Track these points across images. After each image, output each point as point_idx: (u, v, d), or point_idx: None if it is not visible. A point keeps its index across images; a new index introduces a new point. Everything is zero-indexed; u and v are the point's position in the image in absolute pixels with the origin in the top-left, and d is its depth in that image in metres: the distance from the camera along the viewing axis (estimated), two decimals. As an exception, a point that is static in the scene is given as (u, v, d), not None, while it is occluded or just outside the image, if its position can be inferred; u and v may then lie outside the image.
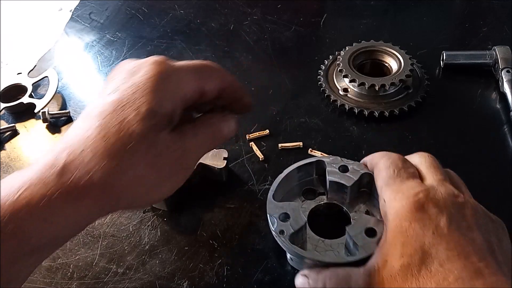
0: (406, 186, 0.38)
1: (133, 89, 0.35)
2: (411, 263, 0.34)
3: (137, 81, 0.36)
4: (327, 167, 0.47)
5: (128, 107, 0.34)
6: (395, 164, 0.41)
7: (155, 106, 0.35)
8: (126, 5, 0.86)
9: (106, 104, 0.35)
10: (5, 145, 0.64)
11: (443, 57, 0.67)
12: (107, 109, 0.35)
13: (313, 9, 0.82)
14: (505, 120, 0.60)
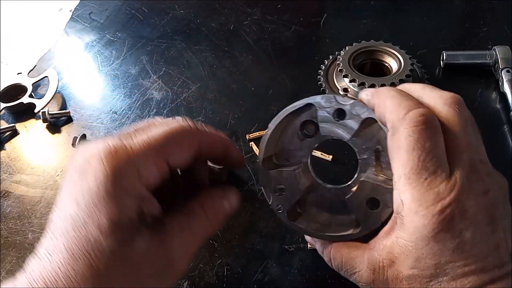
0: (432, 195, 0.32)
1: (87, 200, 0.31)
2: (422, 275, 0.32)
3: (90, 187, 0.31)
4: (319, 112, 0.39)
5: (89, 223, 0.31)
6: (421, 145, 0.32)
7: (115, 216, 0.31)
8: (126, 5, 0.86)
9: (67, 219, 0.32)
10: (5, 145, 0.64)
11: (443, 57, 0.67)
12: (69, 228, 0.31)
13: (313, 9, 0.82)
14: (505, 120, 0.60)
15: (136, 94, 0.69)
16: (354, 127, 0.38)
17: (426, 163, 0.32)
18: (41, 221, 0.54)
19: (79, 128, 0.65)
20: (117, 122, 0.65)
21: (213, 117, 0.64)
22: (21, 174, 0.60)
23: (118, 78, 0.72)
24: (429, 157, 0.32)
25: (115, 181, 0.31)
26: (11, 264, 0.50)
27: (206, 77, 0.70)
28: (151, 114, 0.65)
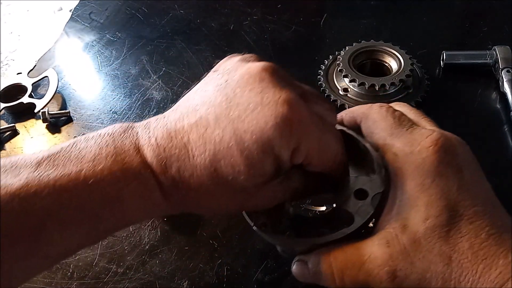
0: (419, 135, 0.34)
1: (251, 138, 0.30)
2: (438, 224, 0.31)
3: (260, 128, 0.30)
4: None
5: (242, 155, 0.30)
6: (391, 112, 0.37)
7: (266, 168, 0.31)
8: (126, 5, 0.86)
9: (223, 111, 0.31)
10: (5, 145, 0.64)
11: (443, 57, 0.67)
12: (219, 142, 0.31)
13: (313, 9, 0.82)
14: (505, 120, 0.60)
15: (136, 94, 0.69)
16: None
17: (403, 122, 0.36)
18: (41, 221, 0.54)
19: (79, 128, 0.65)
20: (117, 122, 0.65)
21: (213, 117, 0.64)
22: (21, 174, 0.60)
23: (118, 78, 0.72)
24: (402, 118, 0.36)
25: (276, 139, 0.30)
26: (11, 264, 0.50)
27: (206, 77, 0.70)
28: (151, 114, 0.65)
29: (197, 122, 0.31)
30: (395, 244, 0.31)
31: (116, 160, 0.31)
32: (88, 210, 0.30)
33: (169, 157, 0.31)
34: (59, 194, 0.29)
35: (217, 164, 0.31)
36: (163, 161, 0.31)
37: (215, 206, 0.34)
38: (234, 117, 0.30)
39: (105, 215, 0.31)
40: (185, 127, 0.32)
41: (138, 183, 0.31)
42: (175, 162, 0.31)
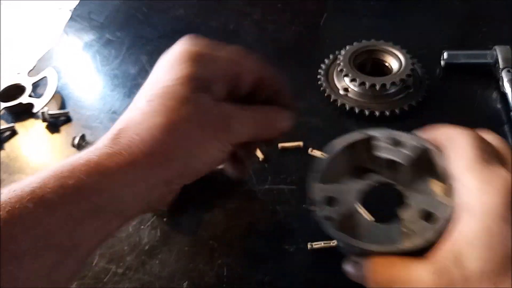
0: (496, 176, 0.33)
1: (172, 59, 0.39)
2: (494, 269, 0.30)
3: (175, 52, 0.40)
4: (378, 142, 0.41)
5: (168, 74, 0.38)
6: (478, 142, 0.35)
7: (191, 71, 0.38)
8: (125, 4, 0.86)
9: (147, 81, 0.40)
10: (5, 145, 0.64)
11: (443, 57, 0.67)
12: (147, 85, 0.39)
13: (313, 9, 0.82)
14: (505, 120, 0.59)
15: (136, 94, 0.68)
16: (410, 154, 0.40)
17: (487, 157, 0.34)
18: (40, 221, 0.53)
19: (78, 128, 0.65)
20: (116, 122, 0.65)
21: (213, 117, 0.64)
22: (20, 174, 0.60)
23: (118, 78, 0.72)
24: (488, 152, 0.35)
25: (193, 53, 0.40)
26: (10, 264, 0.49)
27: (206, 77, 0.70)
28: (150, 114, 0.65)
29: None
30: (445, 275, 0.31)
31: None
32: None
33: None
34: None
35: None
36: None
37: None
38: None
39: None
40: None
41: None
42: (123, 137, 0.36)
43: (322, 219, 0.38)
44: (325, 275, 0.46)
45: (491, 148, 0.36)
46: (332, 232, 0.38)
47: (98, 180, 0.33)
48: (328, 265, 0.46)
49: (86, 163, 0.33)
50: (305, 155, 0.57)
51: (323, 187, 0.41)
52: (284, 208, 0.52)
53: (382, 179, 0.43)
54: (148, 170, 0.35)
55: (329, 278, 0.46)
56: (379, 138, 0.42)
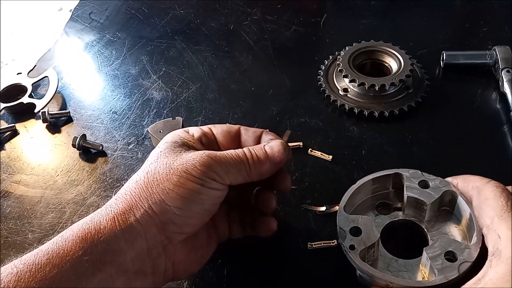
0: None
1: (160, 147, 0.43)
2: None
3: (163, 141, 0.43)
4: (406, 182, 0.44)
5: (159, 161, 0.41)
6: (505, 194, 0.39)
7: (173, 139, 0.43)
8: (126, 5, 0.86)
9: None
10: (5, 145, 0.64)
11: (443, 57, 0.67)
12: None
13: (313, 9, 0.82)
14: (505, 120, 0.60)
15: (136, 94, 0.69)
16: (436, 196, 0.43)
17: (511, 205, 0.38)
18: (41, 221, 0.54)
19: (79, 128, 0.65)
20: (117, 122, 0.65)
21: (213, 117, 0.64)
22: (21, 174, 0.60)
23: (118, 78, 0.72)
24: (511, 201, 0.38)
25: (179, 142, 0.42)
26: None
27: (206, 77, 0.70)
28: (151, 114, 0.65)
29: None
30: None
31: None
32: None
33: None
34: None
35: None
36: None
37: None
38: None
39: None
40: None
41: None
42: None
43: (347, 248, 0.41)
44: (325, 275, 0.46)
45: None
46: (357, 262, 0.40)
47: (97, 242, 0.36)
48: (328, 265, 0.47)
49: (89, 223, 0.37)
50: (305, 155, 0.57)
51: (349, 216, 0.43)
52: (284, 208, 0.52)
53: (405, 216, 0.46)
54: (143, 221, 0.38)
55: (329, 278, 0.46)
56: (407, 177, 0.45)
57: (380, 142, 0.58)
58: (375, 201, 0.48)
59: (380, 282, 0.40)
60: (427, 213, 0.44)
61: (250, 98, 0.66)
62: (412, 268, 0.42)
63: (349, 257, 0.41)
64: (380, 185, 0.47)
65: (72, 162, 0.60)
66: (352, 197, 0.45)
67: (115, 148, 0.61)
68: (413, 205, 0.45)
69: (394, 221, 0.46)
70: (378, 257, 0.43)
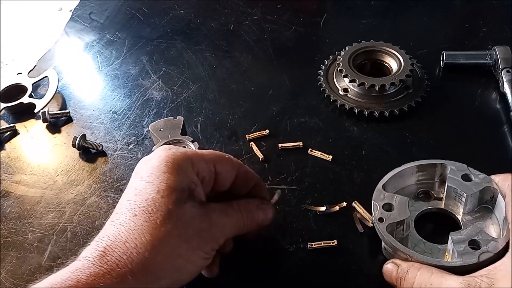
0: None
1: (151, 172, 0.39)
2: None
3: (153, 164, 0.40)
4: (449, 173, 0.46)
5: (149, 188, 0.38)
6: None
7: (172, 183, 0.38)
8: (126, 5, 0.86)
9: (131, 189, 0.40)
10: (5, 145, 0.64)
11: (443, 57, 0.67)
12: (131, 195, 0.39)
13: (313, 9, 0.82)
14: (505, 120, 0.60)
15: (136, 94, 0.69)
16: (474, 190, 0.44)
17: None
18: (41, 221, 0.54)
19: (79, 128, 0.65)
20: (117, 122, 0.65)
21: (213, 117, 0.64)
22: (21, 174, 0.60)
23: (118, 78, 0.72)
24: None
25: (174, 162, 0.39)
26: (11, 264, 0.50)
27: (206, 77, 0.70)
28: (151, 114, 0.65)
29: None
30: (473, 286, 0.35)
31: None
32: None
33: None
34: None
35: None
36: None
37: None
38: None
39: None
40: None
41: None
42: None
43: (376, 220, 0.43)
44: (325, 275, 0.46)
45: None
46: (383, 233, 0.42)
47: None
48: (328, 265, 0.47)
49: (75, 285, 0.34)
50: (305, 155, 0.57)
51: (385, 194, 0.45)
52: (284, 208, 0.52)
53: (444, 207, 0.47)
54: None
55: (329, 278, 0.46)
56: (452, 170, 0.46)
57: (380, 142, 0.58)
58: (418, 189, 0.49)
59: (401, 255, 0.42)
60: (465, 206, 0.45)
61: (250, 98, 0.66)
62: (437, 252, 0.44)
63: (377, 228, 0.43)
64: (426, 175, 0.49)
65: (72, 162, 0.60)
66: (394, 179, 0.47)
67: (115, 148, 0.61)
68: (453, 196, 0.46)
69: (431, 208, 0.48)
70: (408, 236, 0.45)
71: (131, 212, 0.37)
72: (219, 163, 0.43)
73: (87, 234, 0.51)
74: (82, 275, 0.34)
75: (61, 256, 0.50)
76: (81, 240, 0.51)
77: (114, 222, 0.38)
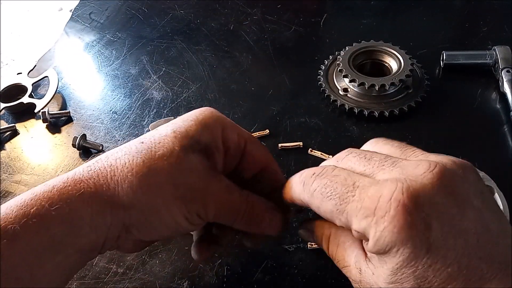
0: (371, 201, 0.28)
1: (180, 117, 0.38)
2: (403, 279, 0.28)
3: (186, 114, 0.39)
4: None
5: (169, 126, 0.37)
6: (340, 174, 0.32)
7: (191, 131, 0.36)
8: (126, 5, 0.86)
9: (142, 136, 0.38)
10: (5, 145, 0.64)
11: (443, 57, 0.67)
12: (153, 129, 0.38)
13: (313, 9, 0.82)
14: (505, 120, 0.60)
15: (136, 94, 0.69)
16: None
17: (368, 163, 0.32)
18: (41, 221, 0.54)
19: (79, 128, 0.65)
20: (117, 122, 0.65)
21: (213, 117, 0.64)
22: (21, 174, 0.60)
23: (118, 78, 0.72)
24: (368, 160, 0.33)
25: (204, 117, 0.38)
26: (11, 264, 0.50)
27: (206, 77, 0.70)
28: (151, 114, 0.65)
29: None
30: (366, 276, 0.31)
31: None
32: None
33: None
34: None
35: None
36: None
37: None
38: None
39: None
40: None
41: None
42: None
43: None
44: (325, 274, 0.46)
45: (373, 154, 0.33)
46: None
47: (60, 207, 0.32)
48: (328, 265, 0.47)
49: (50, 189, 0.33)
50: (305, 155, 0.57)
51: None
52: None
53: None
54: (108, 208, 0.33)
55: (329, 278, 0.46)
56: None
57: (380, 142, 0.58)
58: None
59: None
60: None
61: (250, 98, 0.66)
62: None
63: None
64: None
65: (72, 162, 0.60)
66: None
67: (115, 148, 0.61)
68: None
69: None
70: None
71: (141, 139, 0.36)
72: (252, 143, 0.40)
73: (87, 234, 0.51)
74: (61, 181, 0.34)
75: (61, 256, 0.50)
76: (81, 240, 0.51)
77: (127, 143, 0.37)
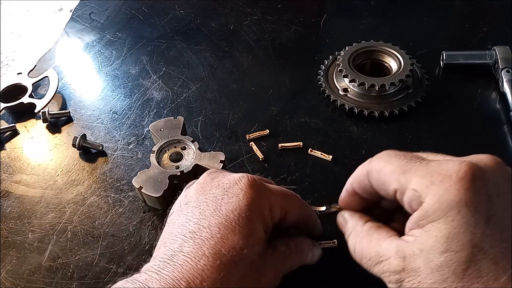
0: (437, 165, 0.31)
1: (236, 215, 0.36)
2: (456, 260, 0.28)
3: (238, 205, 0.37)
4: None
5: (236, 232, 0.35)
6: (395, 154, 0.35)
7: (259, 233, 0.37)
8: (126, 5, 0.86)
9: (212, 226, 0.36)
10: (5, 145, 0.64)
11: (443, 57, 0.67)
12: (215, 234, 0.36)
13: (313, 9, 0.82)
14: (505, 120, 0.60)
15: (136, 94, 0.69)
16: None
17: (411, 158, 0.34)
18: (41, 221, 0.54)
19: (79, 128, 0.65)
20: (117, 122, 0.65)
21: (213, 117, 0.64)
22: (21, 174, 0.60)
23: (118, 78, 0.72)
24: (410, 156, 0.34)
25: (257, 205, 0.37)
26: (11, 264, 0.50)
27: (206, 77, 0.70)
28: (151, 114, 0.65)
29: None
30: (410, 262, 0.31)
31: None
32: None
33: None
34: None
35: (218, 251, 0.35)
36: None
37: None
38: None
39: None
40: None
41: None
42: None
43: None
44: (326, 274, 0.46)
45: (412, 153, 0.36)
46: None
47: None
48: (328, 265, 0.47)
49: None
50: (305, 155, 0.57)
51: None
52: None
53: None
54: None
55: (329, 278, 0.46)
56: None
57: (379, 142, 0.58)
58: None
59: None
60: None
61: (250, 98, 0.66)
62: None
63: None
64: None
65: (72, 162, 0.60)
66: None
67: (115, 148, 0.61)
68: None
69: None
70: None
71: (218, 260, 0.34)
72: (288, 200, 0.41)
73: (87, 234, 0.52)
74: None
75: (61, 256, 0.50)
76: (81, 240, 0.51)
77: (193, 262, 0.35)
